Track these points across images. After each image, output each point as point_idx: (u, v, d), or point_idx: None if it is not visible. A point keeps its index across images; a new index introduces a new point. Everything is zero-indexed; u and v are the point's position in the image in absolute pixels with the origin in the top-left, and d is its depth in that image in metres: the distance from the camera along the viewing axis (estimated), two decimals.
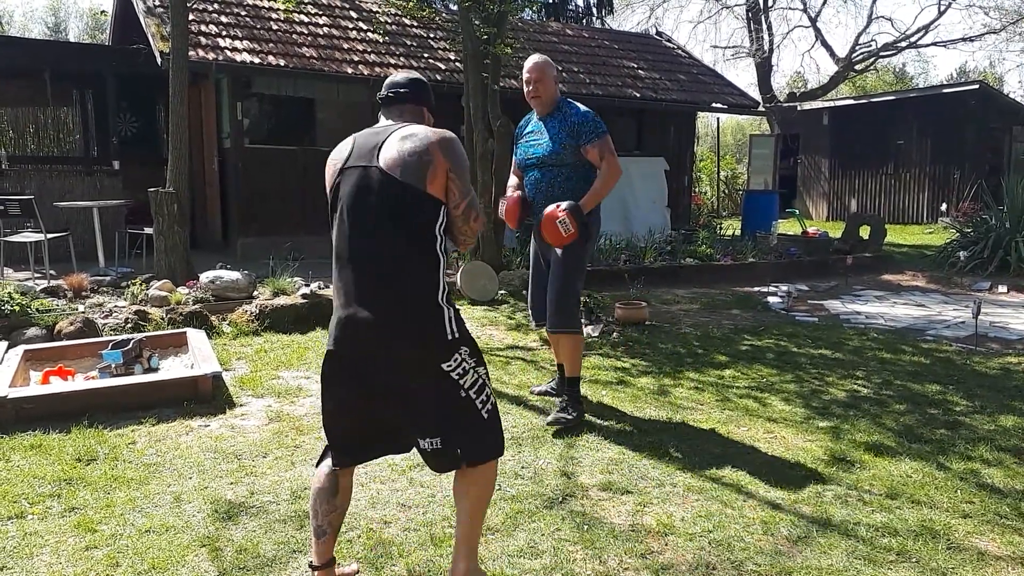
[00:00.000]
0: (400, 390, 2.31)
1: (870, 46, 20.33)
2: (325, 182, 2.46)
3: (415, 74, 2.60)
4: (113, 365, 4.63)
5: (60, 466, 3.47)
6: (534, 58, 4.18)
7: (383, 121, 2.50)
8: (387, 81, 2.57)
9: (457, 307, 2.40)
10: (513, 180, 4.38)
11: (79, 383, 4.50)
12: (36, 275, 7.67)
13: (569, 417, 4.03)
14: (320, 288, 6.70)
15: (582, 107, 4.20)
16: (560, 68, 12.15)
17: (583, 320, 6.34)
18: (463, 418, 2.33)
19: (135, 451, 3.69)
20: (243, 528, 2.92)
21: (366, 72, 10.04)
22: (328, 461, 2.45)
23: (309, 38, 10.37)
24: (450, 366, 2.31)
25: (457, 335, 2.33)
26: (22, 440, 3.78)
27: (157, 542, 2.81)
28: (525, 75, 4.13)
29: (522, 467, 3.52)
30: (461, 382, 2.32)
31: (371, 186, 2.31)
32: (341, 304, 2.32)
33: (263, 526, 2.94)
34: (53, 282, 6.89)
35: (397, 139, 2.34)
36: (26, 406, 4.06)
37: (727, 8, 21.14)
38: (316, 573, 2.45)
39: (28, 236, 7.77)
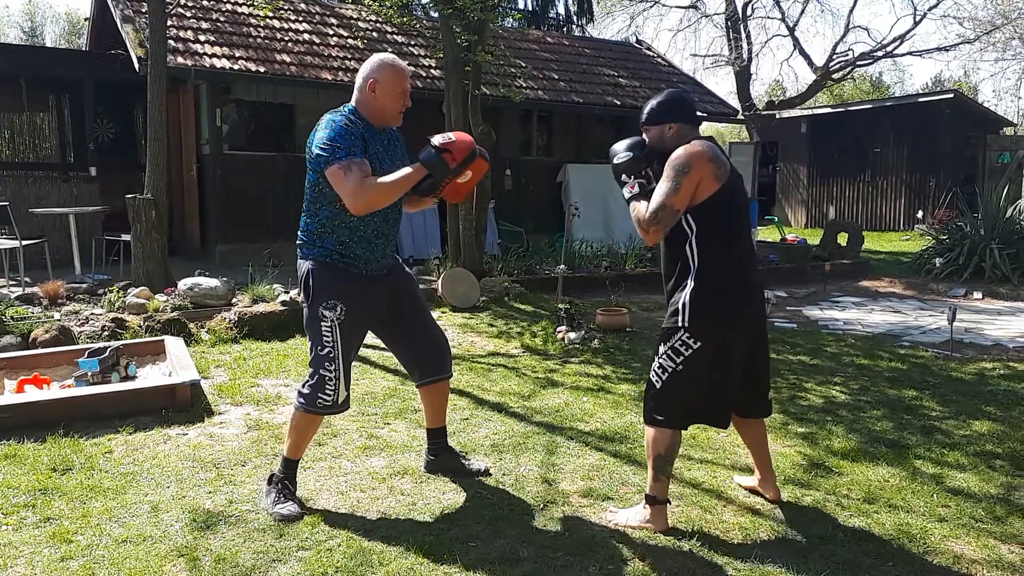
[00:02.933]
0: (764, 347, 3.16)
1: (847, 55, 20.50)
2: (711, 178, 2.85)
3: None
4: (89, 373, 4.58)
5: (35, 476, 3.42)
6: (402, 63, 3.16)
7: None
8: (688, 99, 3.13)
9: None
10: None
11: (55, 392, 4.44)
12: (11, 282, 7.56)
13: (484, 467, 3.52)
14: (300, 295, 6.65)
15: None
16: (541, 75, 12.20)
17: (564, 327, 6.36)
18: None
19: (112, 460, 3.65)
20: (221, 537, 2.90)
21: (345, 79, 10.00)
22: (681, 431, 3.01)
23: (288, 44, 10.33)
24: None
25: None
26: None
27: (134, 552, 2.78)
28: (402, 84, 3.09)
29: (503, 474, 3.52)
30: None
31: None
32: (748, 279, 2.98)
33: (242, 535, 2.91)
34: (28, 289, 6.80)
35: None
36: (0, 415, 4.00)
37: (706, 17, 21.27)
38: (663, 506, 2.99)
39: (3, 243, 7.66)
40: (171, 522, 3.02)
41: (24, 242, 7.45)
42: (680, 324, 2.89)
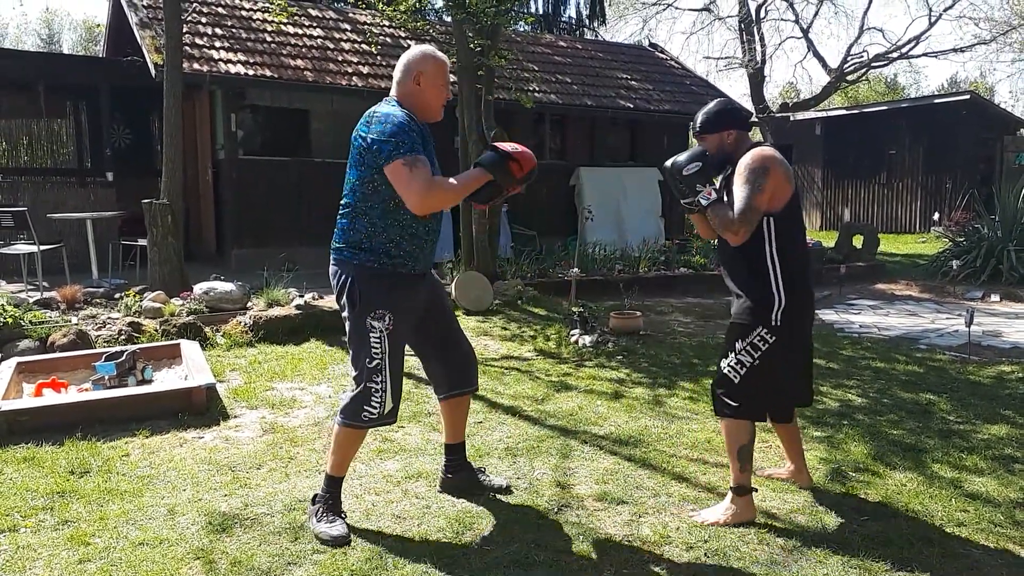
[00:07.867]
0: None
1: (862, 57, 20.40)
2: (784, 181, 3.02)
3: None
4: (106, 377, 4.61)
5: (53, 479, 3.45)
6: (443, 54, 3.04)
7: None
8: (740, 106, 3.23)
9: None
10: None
11: (72, 395, 4.48)
12: (29, 287, 7.64)
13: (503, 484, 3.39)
14: (314, 299, 6.69)
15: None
16: (553, 79, 12.21)
17: (577, 330, 6.35)
18: None
19: (129, 463, 3.68)
20: (237, 540, 2.91)
21: (359, 84, 10.07)
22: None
23: (302, 49, 10.39)
24: None
25: None
26: (15, 453, 3.76)
27: (151, 555, 2.80)
28: (445, 76, 3.01)
29: (518, 477, 3.51)
30: None
31: None
32: (808, 275, 3.19)
33: (257, 538, 2.93)
34: (46, 294, 6.87)
35: None
36: (19, 418, 4.05)
37: (719, 19, 21.21)
38: (750, 496, 3.10)
39: (21, 248, 7.74)
40: (187, 525, 3.03)
41: (42, 247, 7.51)
42: (758, 321, 3.05)
